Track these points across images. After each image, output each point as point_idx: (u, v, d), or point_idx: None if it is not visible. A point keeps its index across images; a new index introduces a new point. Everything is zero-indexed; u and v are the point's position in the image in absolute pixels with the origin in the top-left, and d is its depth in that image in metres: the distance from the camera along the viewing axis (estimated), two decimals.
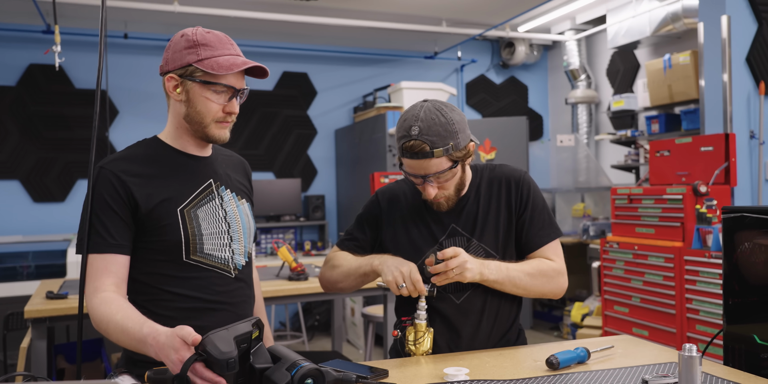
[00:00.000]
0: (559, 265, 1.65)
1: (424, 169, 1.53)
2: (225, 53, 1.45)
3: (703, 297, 3.11)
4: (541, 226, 1.66)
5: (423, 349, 1.55)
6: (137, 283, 1.47)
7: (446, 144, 1.51)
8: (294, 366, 1.18)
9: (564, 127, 6.61)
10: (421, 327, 1.55)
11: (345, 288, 1.75)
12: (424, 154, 1.51)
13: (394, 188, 1.78)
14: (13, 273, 4.34)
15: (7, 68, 5.02)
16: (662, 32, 4.89)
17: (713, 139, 3.41)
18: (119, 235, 1.42)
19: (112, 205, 1.42)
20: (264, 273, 3.08)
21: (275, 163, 5.86)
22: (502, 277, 1.57)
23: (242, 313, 1.53)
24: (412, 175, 1.57)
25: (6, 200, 4.99)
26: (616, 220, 3.76)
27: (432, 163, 1.52)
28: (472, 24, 5.66)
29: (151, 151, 1.52)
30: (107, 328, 1.34)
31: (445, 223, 1.67)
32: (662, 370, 1.37)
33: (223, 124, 1.49)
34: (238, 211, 1.59)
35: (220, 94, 1.45)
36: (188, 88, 1.45)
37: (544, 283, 1.61)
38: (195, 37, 1.44)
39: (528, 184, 1.69)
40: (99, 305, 1.37)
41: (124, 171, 1.44)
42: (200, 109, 1.45)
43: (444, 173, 1.54)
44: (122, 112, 5.32)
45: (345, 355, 3.41)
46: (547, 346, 1.62)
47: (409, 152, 1.52)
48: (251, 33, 5.57)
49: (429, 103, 1.55)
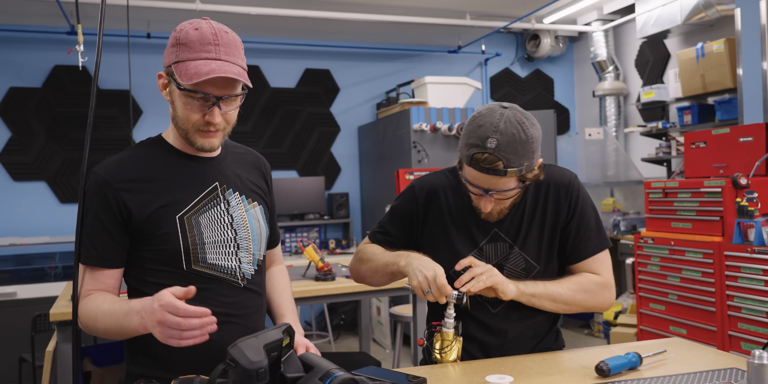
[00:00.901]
0: (605, 278, 1.55)
1: (490, 185, 1.42)
2: (201, 57, 1.28)
3: (746, 294, 2.99)
4: (588, 237, 1.55)
5: (449, 358, 1.45)
6: (140, 293, 1.38)
7: (521, 164, 1.38)
8: (328, 376, 1.11)
9: (592, 121, 6.46)
10: (448, 335, 1.45)
11: (374, 283, 1.67)
12: (495, 172, 1.37)
13: (433, 182, 1.64)
14: (41, 274, 4.36)
15: (33, 70, 5.04)
16: (694, 20, 4.72)
17: (753, 129, 3.27)
18: (103, 248, 1.34)
19: (100, 214, 1.33)
20: (290, 273, 3.02)
21: (299, 161, 5.81)
22: (539, 290, 1.48)
23: (252, 325, 1.44)
24: (474, 186, 1.44)
25: (33, 201, 5.02)
26: (650, 214, 3.64)
27: (501, 181, 1.40)
28: (496, 16, 5.54)
29: (151, 153, 1.41)
30: (95, 319, 1.29)
31: (487, 226, 1.56)
32: (724, 378, 1.28)
33: (207, 133, 1.35)
34: (248, 216, 1.47)
35: (200, 102, 1.31)
36: (172, 89, 1.34)
37: (586, 298, 1.51)
38: (179, 35, 1.31)
39: (578, 190, 1.57)
40: (85, 304, 1.34)
41: (117, 177, 1.35)
42: (180, 115, 1.34)
43: (509, 192, 1.44)
44: (146, 111, 5.31)
45: (373, 357, 3.35)
46: (593, 350, 1.54)
47: (478, 165, 1.38)
48: (273, 30, 5.53)
49: (510, 113, 1.39)
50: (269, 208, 1.59)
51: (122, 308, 1.26)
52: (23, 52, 5.02)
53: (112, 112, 5.19)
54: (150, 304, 1.17)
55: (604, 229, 1.60)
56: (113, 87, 5.18)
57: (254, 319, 1.47)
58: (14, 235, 4.82)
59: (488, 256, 1.55)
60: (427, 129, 4.77)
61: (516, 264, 1.54)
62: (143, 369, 1.39)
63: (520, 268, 1.54)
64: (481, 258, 1.55)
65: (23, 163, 4.99)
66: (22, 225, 4.95)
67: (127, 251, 1.38)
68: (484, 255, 1.55)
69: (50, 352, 2.22)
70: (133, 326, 1.22)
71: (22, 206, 4.99)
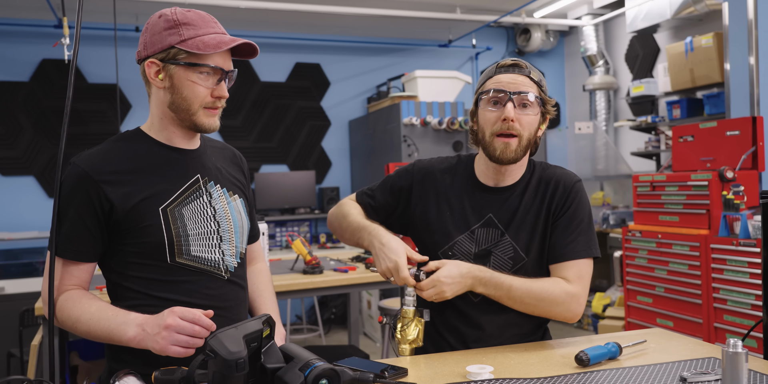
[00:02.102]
0: (576, 288, 1.48)
1: (515, 85, 1.49)
2: (210, 32, 1.33)
3: (732, 286, 3.01)
4: (572, 239, 1.51)
5: (408, 337, 1.43)
6: (121, 288, 1.38)
7: (540, 78, 1.53)
8: (307, 366, 1.11)
9: (582, 115, 6.48)
10: (408, 313, 1.44)
11: (343, 240, 1.67)
12: (520, 70, 1.51)
13: (434, 164, 1.66)
14: (30, 269, 4.34)
15: (20, 63, 5.00)
16: (683, 15, 4.74)
17: (740, 123, 3.29)
18: (79, 241, 1.32)
19: (78, 208, 1.31)
20: (278, 266, 3.03)
21: (289, 155, 5.80)
22: (500, 293, 1.46)
23: (236, 317, 1.44)
24: (498, 91, 1.49)
25: (21, 196, 4.99)
26: (638, 208, 3.65)
27: (524, 81, 1.50)
28: (487, 10, 5.54)
29: (132, 145, 1.40)
30: (77, 319, 1.29)
31: (482, 210, 1.56)
32: (701, 367, 1.29)
33: (212, 110, 1.37)
34: (229, 208, 1.47)
35: (207, 77, 1.33)
36: (171, 72, 1.33)
37: (551, 306, 1.47)
38: (175, 17, 1.32)
39: (576, 193, 1.55)
40: (64, 301, 1.32)
41: (98, 168, 1.33)
42: (186, 95, 1.33)
43: (530, 101, 1.49)
44: (135, 105, 5.29)
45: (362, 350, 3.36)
46: (574, 340, 1.54)
47: (504, 67, 1.52)
48: (262, 24, 5.51)
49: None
50: (248, 202, 1.58)
51: (117, 316, 1.25)
52: (10, 46, 4.98)
53: (101, 106, 5.16)
54: (158, 316, 1.20)
55: (595, 240, 1.54)
56: (101, 81, 5.15)
57: (238, 311, 1.47)
58: (2, 230, 4.80)
59: (479, 241, 1.55)
60: (417, 123, 4.77)
61: (504, 252, 1.54)
62: (125, 365, 1.39)
63: (508, 256, 1.54)
64: (472, 242, 1.55)
65: (11, 158, 4.96)
66: (10, 220, 4.92)
67: (106, 246, 1.37)
68: (475, 239, 1.55)
69: (35, 346, 2.21)
70: (125, 337, 1.23)
71: (10, 201, 4.96)
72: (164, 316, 1.18)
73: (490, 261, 1.54)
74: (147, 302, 1.34)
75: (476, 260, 1.54)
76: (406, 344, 1.44)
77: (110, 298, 1.41)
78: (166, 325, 1.16)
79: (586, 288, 1.51)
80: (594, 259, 1.54)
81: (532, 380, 1.24)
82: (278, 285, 2.64)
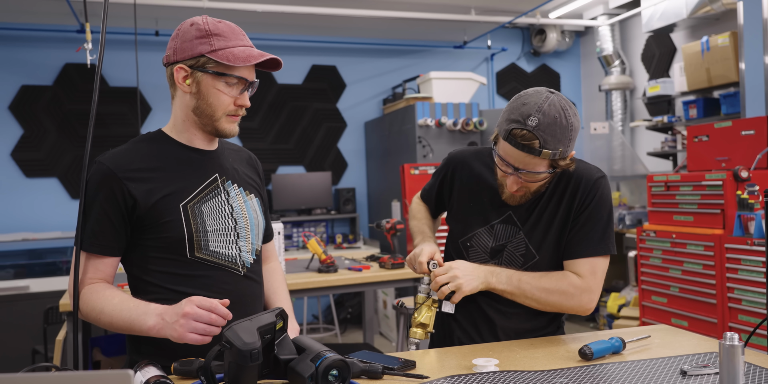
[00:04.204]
0: (586, 283, 1.50)
1: (522, 164, 1.42)
2: (239, 44, 1.40)
3: (746, 286, 3.01)
4: (588, 237, 1.52)
5: (417, 320, 1.54)
6: (142, 282, 1.44)
7: (556, 149, 1.39)
8: (318, 357, 1.16)
9: (598, 115, 6.47)
10: (420, 299, 1.57)
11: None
12: (530, 150, 1.39)
13: (467, 155, 1.71)
14: (54, 268, 4.45)
15: (44, 68, 5.13)
16: (699, 14, 4.72)
17: (754, 123, 3.28)
18: (104, 236, 1.39)
19: (103, 204, 1.38)
20: (294, 265, 3.09)
21: (306, 156, 5.87)
22: (511, 288, 1.52)
23: (251, 312, 1.46)
24: (505, 163, 1.46)
25: (45, 197, 5.12)
26: (653, 208, 3.66)
27: (533, 160, 1.41)
28: (502, 11, 5.56)
29: (154, 145, 1.46)
30: (101, 311, 1.35)
31: (504, 207, 1.60)
32: (702, 361, 1.31)
33: (233, 117, 1.45)
34: (246, 206, 1.53)
35: (232, 87, 1.41)
36: (199, 79, 1.40)
37: (561, 299, 1.51)
38: (207, 27, 1.39)
39: (598, 189, 1.53)
40: (89, 293, 1.38)
41: (122, 166, 1.39)
42: (212, 102, 1.41)
43: (538, 174, 1.44)
44: (155, 108, 5.39)
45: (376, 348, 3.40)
46: (580, 336, 1.58)
47: (515, 141, 1.40)
48: (279, 27, 5.58)
49: (555, 98, 1.41)
50: (263, 202, 1.64)
51: (138, 307, 1.32)
52: (34, 51, 5.11)
53: (121, 109, 5.27)
54: (177, 305, 1.26)
55: (612, 236, 1.54)
56: (122, 84, 5.27)
57: (254, 306, 1.52)
58: (27, 231, 4.92)
59: (498, 236, 1.59)
60: (432, 124, 4.81)
61: (517, 248, 1.57)
62: (145, 358, 1.44)
63: (520, 253, 1.57)
64: (490, 236, 1.60)
65: (35, 160, 5.09)
66: (35, 220, 5.05)
67: (129, 241, 1.43)
68: (494, 234, 1.60)
69: (60, 341, 2.28)
70: (146, 326, 1.28)
71: (35, 202, 5.09)
72: (182, 305, 1.24)
73: (503, 257, 1.59)
74: (166, 296, 1.39)
75: (492, 254, 1.60)
76: (416, 327, 1.55)
77: (131, 292, 1.47)
78: (184, 313, 1.22)
79: (599, 283, 1.52)
80: (611, 256, 1.56)
81: (536, 373, 1.27)
82: (294, 283, 2.69)
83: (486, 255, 1.61)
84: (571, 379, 1.23)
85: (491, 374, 1.27)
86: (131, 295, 1.43)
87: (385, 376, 1.27)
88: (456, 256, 1.67)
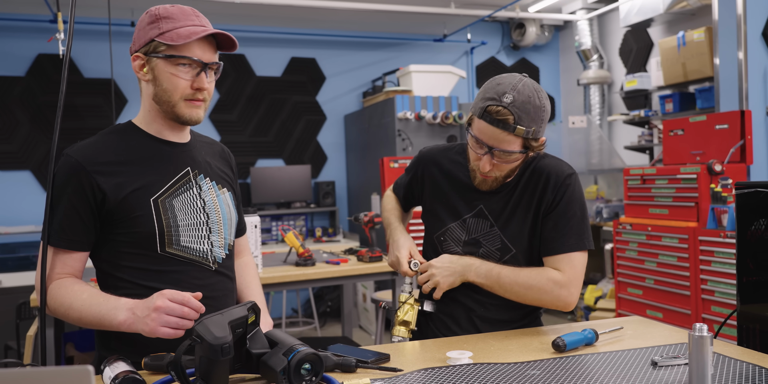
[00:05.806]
0: (565, 277, 1.51)
1: (496, 141, 1.44)
2: (187, 24, 1.36)
3: (719, 277, 3.05)
4: (564, 234, 1.53)
5: (401, 318, 1.59)
6: (111, 277, 1.41)
7: (530, 127, 1.42)
8: (291, 351, 1.15)
9: (576, 109, 6.51)
10: (402, 297, 1.62)
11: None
12: (505, 125, 1.42)
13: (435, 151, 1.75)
14: (26, 262, 4.37)
15: (16, 58, 5.02)
16: (676, 9, 4.77)
17: (728, 117, 3.33)
18: (72, 230, 1.35)
19: (71, 197, 1.34)
20: (271, 259, 3.07)
21: (285, 149, 5.83)
22: (490, 281, 1.55)
23: (223, 307, 1.41)
24: (479, 142, 1.48)
25: (18, 190, 5.02)
26: (629, 201, 3.70)
27: (507, 138, 1.43)
28: (482, 5, 5.56)
29: (123, 137, 1.43)
30: (69, 306, 1.32)
31: (475, 201, 1.62)
32: (673, 351, 1.33)
33: (193, 102, 1.39)
34: (218, 201, 1.50)
35: (187, 69, 1.36)
36: (153, 65, 1.37)
37: (539, 294, 1.52)
38: (158, 12, 1.37)
39: (569, 186, 1.55)
40: (57, 289, 1.35)
41: (91, 159, 1.36)
42: (166, 87, 1.37)
43: (511, 154, 1.46)
44: (131, 100, 5.32)
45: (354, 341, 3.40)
46: (554, 328, 1.59)
47: (490, 117, 1.42)
48: (258, 19, 5.53)
49: (528, 80, 1.46)
50: (236, 196, 1.62)
51: (108, 301, 1.28)
52: (6, 41, 5.00)
53: (97, 101, 5.19)
54: (148, 299, 1.23)
55: (588, 231, 1.56)
56: (97, 76, 5.18)
57: (225, 302, 1.50)
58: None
59: (470, 230, 1.62)
60: (412, 117, 4.80)
61: (492, 243, 1.58)
62: (115, 353, 1.42)
63: (496, 247, 1.58)
64: (463, 230, 1.62)
65: (8, 153, 4.99)
66: (7, 214, 4.95)
67: (98, 235, 1.40)
68: (467, 228, 1.62)
69: (31, 337, 2.25)
70: (116, 321, 1.25)
71: (7, 195, 5.00)
72: (154, 298, 1.21)
73: (479, 252, 1.60)
74: (136, 292, 1.37)
75: (465, 247, 1.61)
76: (399, 325, 1.59)
77: (101, 288, 1.44)
78: (155, 307, 1.19)
79: (579, 278, 1.53)
80: (588, 251, 1.57)
81: (509, 365, 1.28)
82: (271, 277, 2.68)
83: (458, 248, 1.63)
84: (543, 370, 1.23)
85: (465, 366, 1.27)
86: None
87: (359, 370, 1.27)
88: (431, 251, 1.70)
